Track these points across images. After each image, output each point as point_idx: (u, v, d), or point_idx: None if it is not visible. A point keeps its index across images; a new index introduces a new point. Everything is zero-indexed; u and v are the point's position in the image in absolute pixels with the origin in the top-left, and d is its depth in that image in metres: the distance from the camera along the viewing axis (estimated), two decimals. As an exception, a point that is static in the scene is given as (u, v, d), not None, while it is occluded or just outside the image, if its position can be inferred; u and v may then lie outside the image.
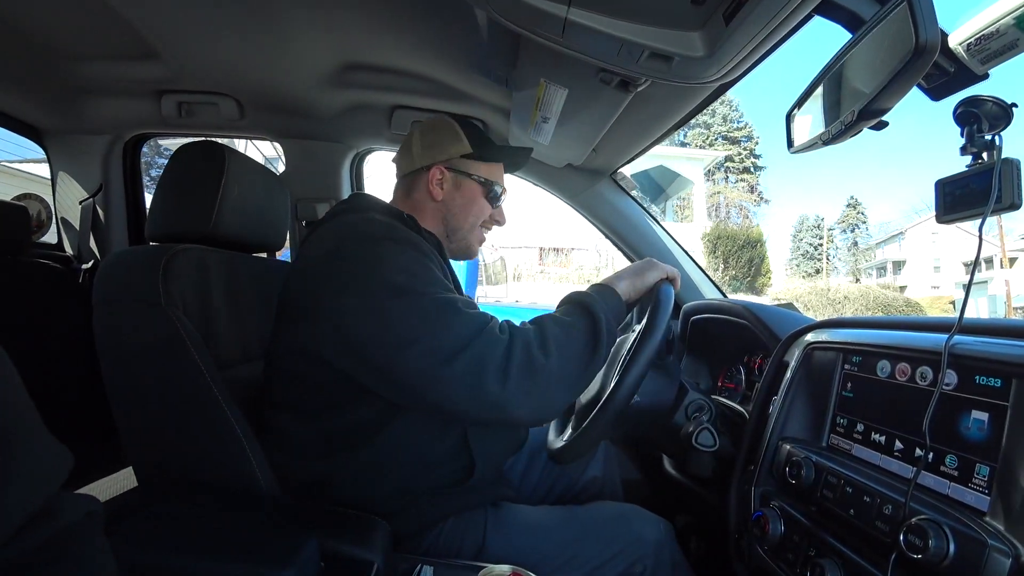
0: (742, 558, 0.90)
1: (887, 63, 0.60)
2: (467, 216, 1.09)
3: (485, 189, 1.10)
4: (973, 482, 0.60)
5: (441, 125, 1.08)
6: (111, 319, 0.91)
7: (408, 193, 1.08)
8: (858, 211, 38.27)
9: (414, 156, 1.06)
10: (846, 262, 37.53)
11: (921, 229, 32.49)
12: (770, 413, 0.93)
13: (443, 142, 1.07)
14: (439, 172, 1.06)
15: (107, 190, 1.71)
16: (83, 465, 1.32)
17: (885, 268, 34.86)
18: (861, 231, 37.89)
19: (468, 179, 1.08)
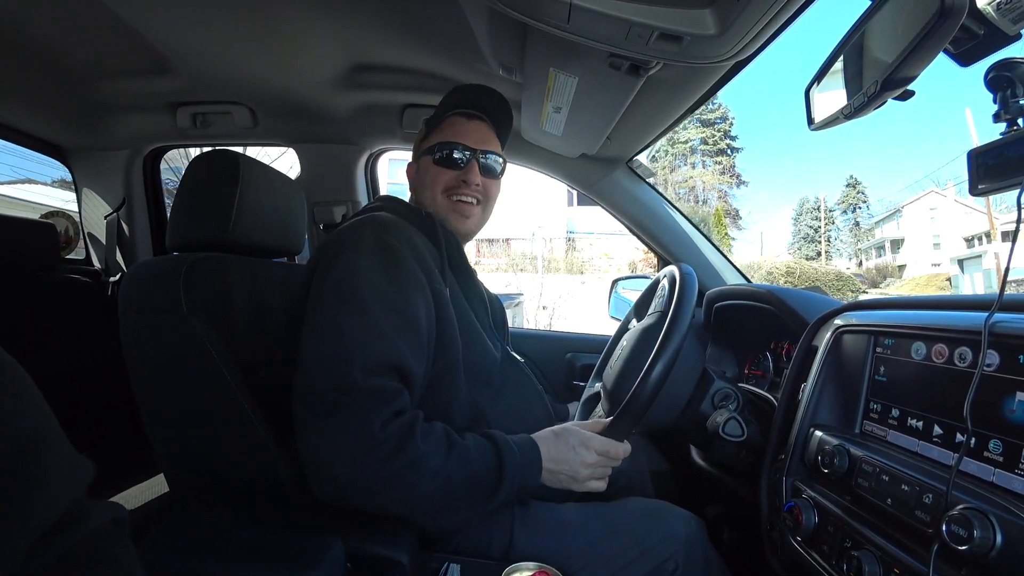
0: (775, 550, 0.87)
1: (910, 29, 0.57)
2: (424, 189, 1.06)
3: (431, 155, 1.05)
4: (1020, 468, 0.57)
5: None
6: (136, 329, 0.92)
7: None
8: (858, 190, 37.76)
9: None
10: (848, 243, 37.00)
11: (919, 205, 32.02)
12: (800, 400, 0.89)
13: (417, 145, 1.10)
14: (410, 167, 1.11)
15: (130, 203, 1.76)
16: (118, 472, 1.36)
17: (884, 247, 34.27)
18: (862, 211, 37.48)
19: (422, 156, 1.08)
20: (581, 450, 0.90)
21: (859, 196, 37.53)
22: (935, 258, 30.48)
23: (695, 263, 1.58)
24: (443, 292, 0.90)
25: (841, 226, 37.79)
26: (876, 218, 36.23)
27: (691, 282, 0.98)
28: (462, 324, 0.94)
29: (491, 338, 1.02)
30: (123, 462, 1.36)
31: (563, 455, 0.89)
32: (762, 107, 63.19)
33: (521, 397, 1.04)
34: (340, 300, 0.82)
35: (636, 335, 1.13)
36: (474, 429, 0.92)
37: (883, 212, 35.64)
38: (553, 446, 0.89)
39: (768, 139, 66.42)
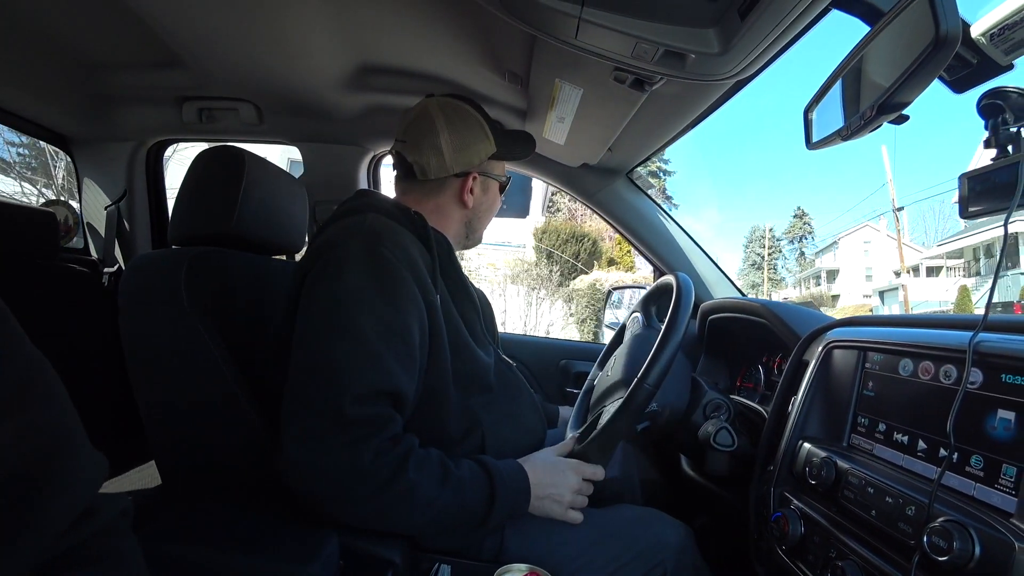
0: (762, 559, 0.88)
1: (907, 55, 0.59)
2: (489, 216, 1.09)
3: (502, 186, 1.09)
4: (999, 483, 0.59)
5: (468, 119, 1.00)
6: (136, 321, 0.93)
7: (429, 195, 1.01)
8: (804, 221, 39.51)
9: (447, 160, 0.97)
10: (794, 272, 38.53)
11: (854, 238, 33.69)
12: (789, 412, 0.91)
13: (474, 143, 1.00)
14: (472, 179, 1.01)
15: (131, 195, 1.76)
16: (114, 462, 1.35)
17: (820, 277, 35.77)
18: (807, 242, 39.26)
19: (492, 180, 1.06)
20: (569, 474, 0.92)
21: (805, 227, 39.36)
22: (867, 289, 31.85)
23: (691, 275, 1.61)
24: (435, 303, 0.87)
25: (788, 255, 39.78)
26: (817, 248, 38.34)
27: (687, 291, 1.00)
28: (452, 335, 0.91)
29: (482, 344, 0.99)
30: (115, 452, 1.35)
31: (552, 479, 0.90)
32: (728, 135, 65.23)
33: (514, 401, 1.04)
34: (331, 323, 0.79)
35: (629, 345, 1.15)
36: (469, 436, 0.93)
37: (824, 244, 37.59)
38: (542, 472, 0.90)
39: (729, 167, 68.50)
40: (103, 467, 0.43)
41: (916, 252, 30.40)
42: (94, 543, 0.41)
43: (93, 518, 0.41)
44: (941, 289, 25.23)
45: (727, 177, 70.94)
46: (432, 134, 0.97)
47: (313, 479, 0.74)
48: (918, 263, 28.81)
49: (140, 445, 0.95)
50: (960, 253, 25.78)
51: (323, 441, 0.73)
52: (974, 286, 23.44)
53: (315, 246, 0.88)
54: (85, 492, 0.41)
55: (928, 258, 28.32)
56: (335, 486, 0.74)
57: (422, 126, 0.98)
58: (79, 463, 0.41)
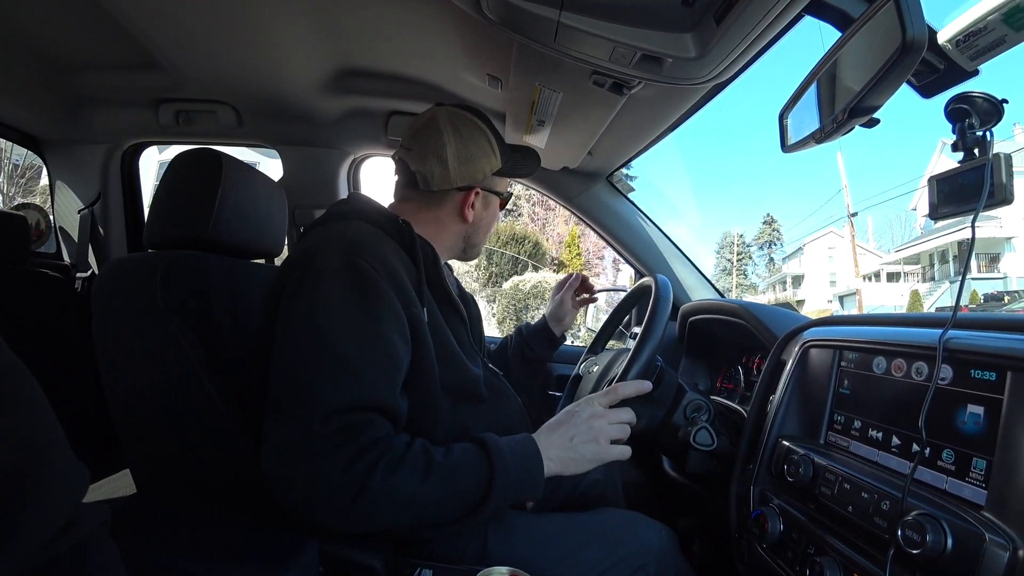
0: (742, 557, 0.89)
1: (876, 60, 0.60)
2: (488, 231, 1.08)
3: (503, 202, 1.08)
4: (970, 476, 0.60)
5: (476, 133, 0.98)
6: (110, 326, 0.91)
7: (429, 206, 0.99)
8: (774, 228, 39.64)
9: (451, 172, 0.95)
10: (763, 278, 38.80)
11: (819, 244, 34.22)
12: (768, 411, 0.93)
13: (479, 157, 0.98)
14: (474, 195, 0.99)
15: (105, 199, 1.72)
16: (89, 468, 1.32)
17: (785, 282, 36.26)
18: (777, 248, 39.37)
19: (494, 196, 1.05)
20: (585, 409, 0.88)
21: (775, 233, 39.49)
22: (830, 294, 32.53)
23: (671, 277, 1.62)
24: (419, 316, 0.84)
25: (758, 261, 39.95)
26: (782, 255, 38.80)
27: (666, 293, 1.01)
28: (439, 348, 0.88)
29: (470, 355, 0.97)
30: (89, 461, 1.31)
31: (566, 426, 0.86)
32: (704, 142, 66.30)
33: (501, 410, 1.04)
34: (307, 337, 0.76)
35: (612, 351, 1.16)
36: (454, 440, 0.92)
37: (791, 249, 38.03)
38: (550, 428, 0.87)
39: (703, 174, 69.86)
40: (84, 477, 0.42)
41: (876, 258, 31.47)
42: (76, 554, 0.40)
43: (75, 529, 0.40)
44: (896, 294, 25.66)
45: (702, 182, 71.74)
46: (438, 145, 0.95)
47: (292, 492, 0.73)
48: (879, 269, 29.46)
49: (115, 453, 0.92)
50: (917, 259, 26.60)
51: (295, 455, 0.72)
52: (928, 291, 23.99)
53: (295, 253, 0.86)
54: (67, 502, 0.40)
55: (886, 264, 29.30)
56: (313, 499, 0.73)
57: (429, 135, 0.96)
58: (61, 472, 0.40)
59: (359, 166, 1.86)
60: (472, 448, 0.82)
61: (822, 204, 73.28)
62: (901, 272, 27.94)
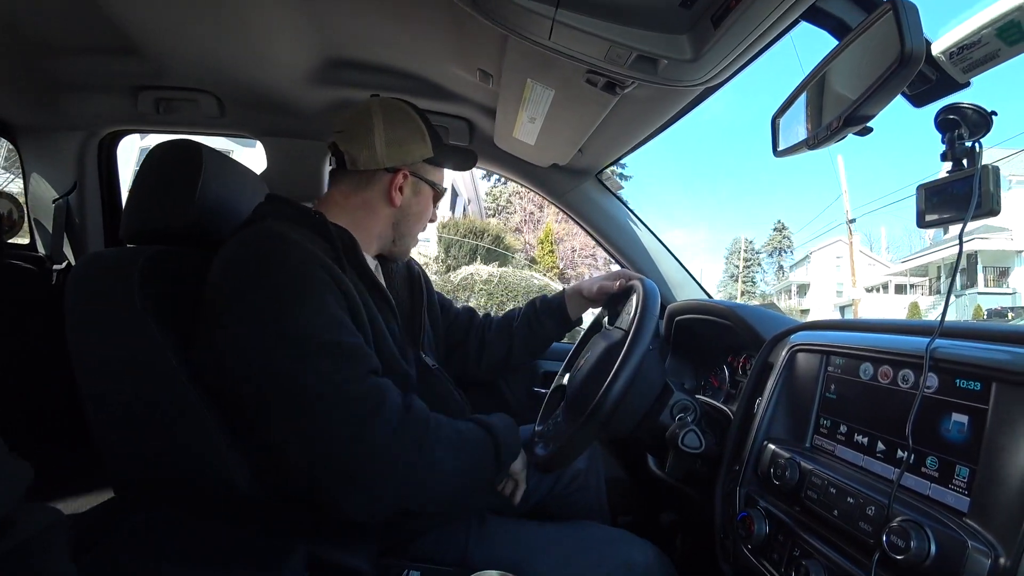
0: (728, 558, 0.90)
1: (873, 70, 0.61)
2: (419, 222, 1.08)
3: (436, 194, 1.09)
4: (953, 483, 0.62)
5: (406, 120, 1.01)
6: (85, 324, 0.88)
7: (357, 189, 1.00)
8: (784, 235, 39.10)
9: (378, 152, 0.98)
10: (772, 285, 38.25)
11: (826, 253, 33.43)
12: (755, 414, 0.93)
13: (409, 142, 1.00)
14: (402, 177, 1.00)
15: (82, 189, 1.67)
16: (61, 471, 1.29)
17: (790, 290, 35.78)
18: (787, 255, 38.82)
19: (425, 185, 1.05)
20: None
21: (784, 240, 39.01)
22: (837, 303, 31.90)
23: (658, 277, 1.63)
24: (351, 293, 0.86)
25: (767, 268, 39.59)
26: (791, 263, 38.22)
27: (653, 297, 1.01)
28: (371, 325, 0.89)
29: (401, 348, 0.97)
30: (68, 460, 1.29)
31: None
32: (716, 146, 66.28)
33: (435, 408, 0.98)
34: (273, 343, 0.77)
35: (601, 348, 1.16)
36: None
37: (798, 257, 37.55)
38: None
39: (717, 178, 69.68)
40: (24, 474, 0.40)
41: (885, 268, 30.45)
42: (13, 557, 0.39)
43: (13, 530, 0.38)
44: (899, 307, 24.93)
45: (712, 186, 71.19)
46: (367, 127, 0.98)
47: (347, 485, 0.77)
48: (886, 280, 28.53)
49: (93, 453, 0.90)
50: (925, 270, 25.42)
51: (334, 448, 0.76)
52: (932, 304, 22.83)
53: (218, 263, 0.86)
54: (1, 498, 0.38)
55: (893, 275, 28.25)
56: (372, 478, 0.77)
57: (359, 119, 0.99)
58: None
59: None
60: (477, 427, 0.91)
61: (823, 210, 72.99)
62: (907, 284, 27.28)
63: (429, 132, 1.03)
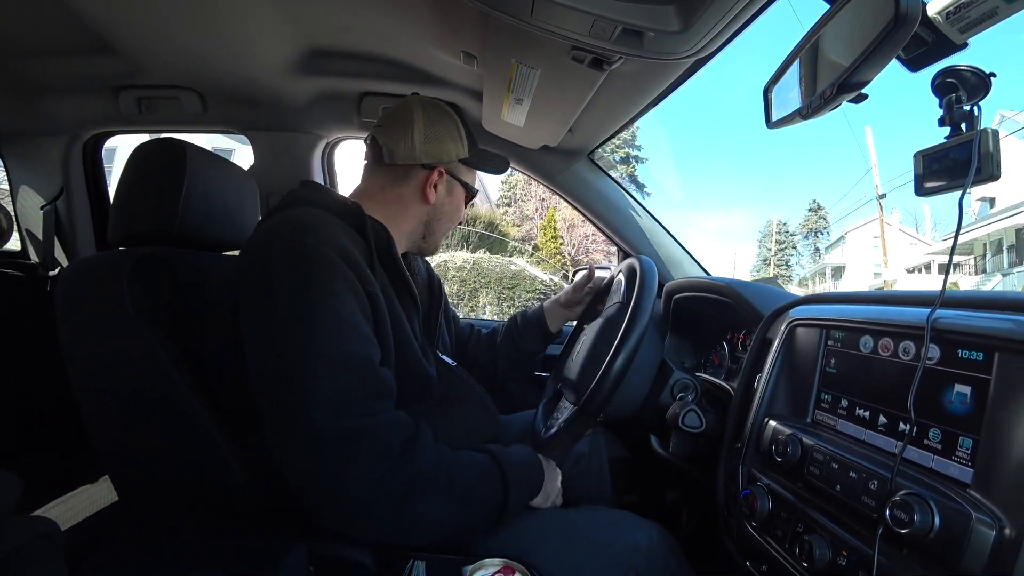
0: (731, 535, 0.90)
1: (866, 34, 0.58)
2: (451, 221, 1.08)
3: (469, 196, 1.09)
4: (956, 455, 0.61)
5: (445, 119, 1.02)
6: (77, 330, 0.88)
7: (393, 183, 1.00)
8: (819, 215, 36.63)
9: (416, 147, 0.98)
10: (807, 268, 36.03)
11: (862, 232, 31.07)
12: (755, 390, 0.93)
13: (447, 140, 1.01)
14: (438, 174, 1.01)
15: (69, 194, 1.65)
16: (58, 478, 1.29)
17: (825, 274, 33.44)
18: (823, 237, 36.28)
19: (459, 185, 1.06)
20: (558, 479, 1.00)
21: (820, 221, 36.25)
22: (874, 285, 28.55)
23: (655, 255, 1.61)
24: (376, 295, 0.84)
25: (802, 251, 36.79)
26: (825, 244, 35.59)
27: (651, 275, 1.00)
28: (395, 327, 0.88)
29: (423, 344, 0.97)
30: (67, 468, 1.29)
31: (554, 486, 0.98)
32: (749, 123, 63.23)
33: (460, 404, 1.02)
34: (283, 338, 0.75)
35: (598, 328, 1.15)
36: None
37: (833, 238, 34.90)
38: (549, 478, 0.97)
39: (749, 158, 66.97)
40: (11, 491, 0.40)
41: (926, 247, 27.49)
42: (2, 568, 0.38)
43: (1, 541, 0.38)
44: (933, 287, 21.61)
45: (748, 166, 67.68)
46: (407, 122, 0.99)
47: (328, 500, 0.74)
48: (928, 259, 25.70)
49: (90, 460, 0.90)
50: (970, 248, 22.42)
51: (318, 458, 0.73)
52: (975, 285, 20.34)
53: (247, 248, 0.85)
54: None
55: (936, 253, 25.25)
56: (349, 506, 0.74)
57: (400, 114, 1.01)
58: None
59: (333, 149, 1.80)
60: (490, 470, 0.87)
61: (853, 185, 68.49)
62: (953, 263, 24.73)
63: (466, 133, 1.04)
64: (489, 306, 7.55)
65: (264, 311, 0.78)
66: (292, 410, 0.73)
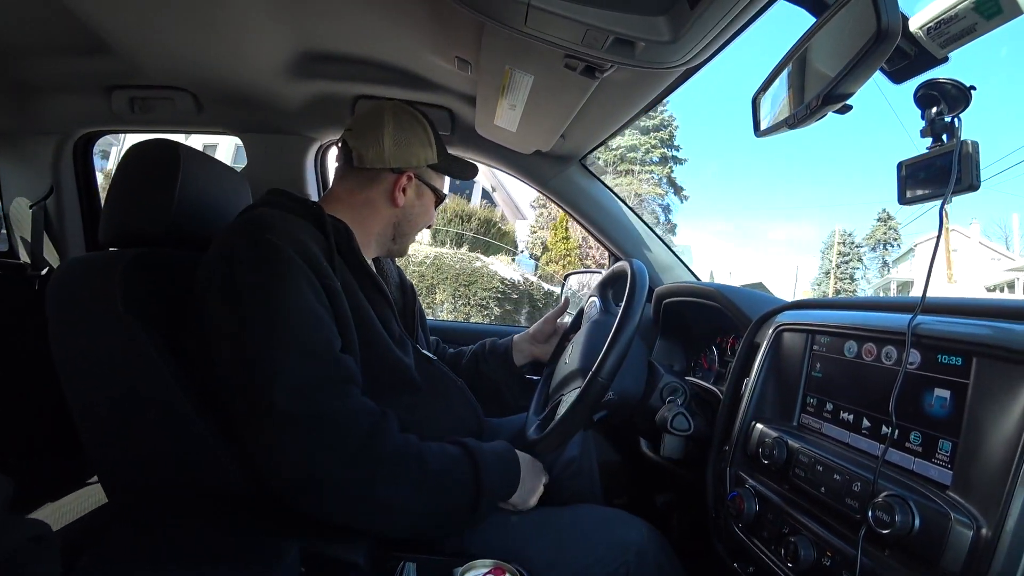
0: (720, 536, 0.92)
1: (850, 47, 0.60)
2: (419, 224, 1.11)
3: (438, 200, 1.12)
4: (936, 457, 0.62)
5: (415, 124, 1.05)
6: (68, 331, 0.87)
7: (363, 186, 1.03)
8: (889, 226, 32.29)
9: (386, 152, 1.01)
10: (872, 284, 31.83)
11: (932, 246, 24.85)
12: (743, 394, 0.94)
13: (415, 145, 1.04)
14: (407, 179, 1.04)
15: (59, 193, 1.64)
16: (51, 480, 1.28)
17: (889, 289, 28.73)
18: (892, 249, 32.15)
19: (428, 189, 1.09)
20: (540, 479, 0.99)
21: (890, 232, 32.01)
22: None
23: (645, 260, 1.63)
24: (335, 288, 0.86)
25: (868, 264, 32.60)
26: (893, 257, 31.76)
27: (642, 278, 1.01)
28: (360, 324, 0.89)
29: (399, 341, 0.98)
30: (58, 469, 1.28)
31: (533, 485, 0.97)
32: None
33: (441, 398, 1.03)
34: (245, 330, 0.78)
35: (587, 332, 1.16)
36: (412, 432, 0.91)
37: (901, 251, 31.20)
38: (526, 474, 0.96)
39: None
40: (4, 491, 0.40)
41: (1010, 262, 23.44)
42: None
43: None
44: None
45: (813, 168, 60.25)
46: (378, 127, 1.02)
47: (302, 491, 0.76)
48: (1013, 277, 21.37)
49: (83, 461, 0.89)
50: None
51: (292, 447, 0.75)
52: None
53: (211, 249, 0.87)
54: None
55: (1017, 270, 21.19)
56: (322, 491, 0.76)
57: (370, 119, 1.03)
58: None
59: (326, 152, 1.80)
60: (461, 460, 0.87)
61: None
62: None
63: (435, 140, 1.07)
64: (446, 303, 7.46)
65: (226, 305, 0.80)
66: (257, 397, 0.75)
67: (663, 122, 24.67)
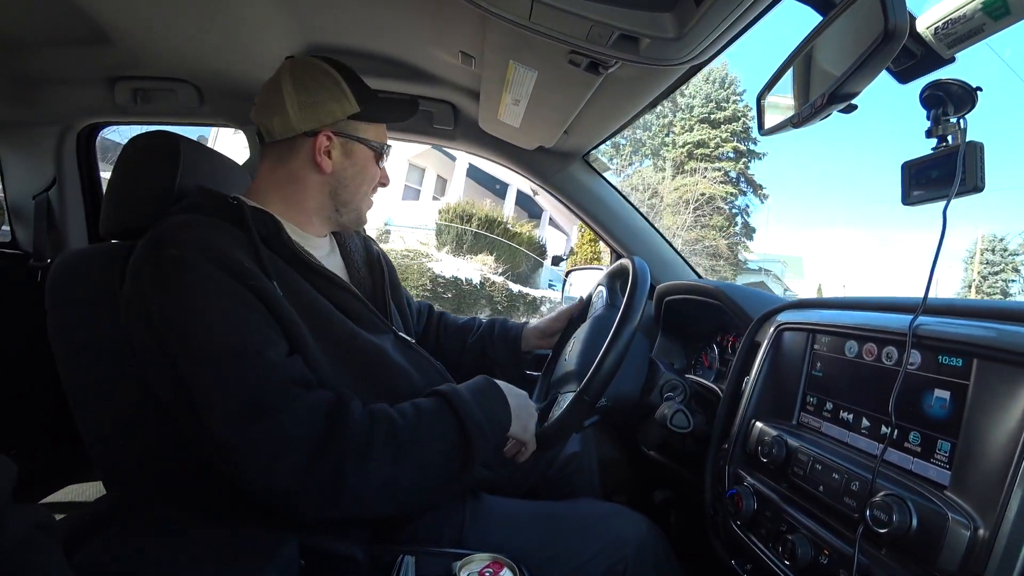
0: (718, 533, 0.92)
1: (857, 47, 0.60)
2: (360, 186, 0.99)
3: (376, 153, 1.00)
4: (935, 457, 0.63)
5: (320, 76, 0.92)
6: (67, 323, 0.87)
7: (280, 161, 0.93)
8: None
9: (291, 118, 0.90)
10: None
11: None
12: (743, 392, 0.94)
13: (326, 101, 0.91)
14: (326, 139, 0.92)
15: (62, 184, 1.64)
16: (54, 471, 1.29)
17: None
18: None
19: (358, 144, 0.96)
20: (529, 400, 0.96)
21: None
22: None
23: (647, 257, 1.63)
24: (266, 288, 0.79)
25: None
26: None
27: (643, 275, 1.01)
28: (310, 319, 0.84)
29: (369, 325, 0.93)
30: (58, 460, 1.28)
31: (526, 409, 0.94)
32: None
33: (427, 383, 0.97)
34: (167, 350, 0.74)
35: (589, 327, 1.16)
36: None
37: None
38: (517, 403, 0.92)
39: None
40: (8, 473, 0.40)
41: None
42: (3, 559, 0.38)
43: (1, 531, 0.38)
44: None
45: None
46: (276, 93, 0.91)
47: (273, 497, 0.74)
48: None
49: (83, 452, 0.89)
50: None
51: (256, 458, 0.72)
52: None
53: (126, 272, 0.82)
54: None
55: None
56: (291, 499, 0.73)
57: (270, 86, 0.93)
58: None
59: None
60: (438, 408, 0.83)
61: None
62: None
63: (352, 88, 0.94)
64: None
65: (147, 334, 0.76)
66: (202, 425, 0.72)
67: (736, 113, 22.52)
